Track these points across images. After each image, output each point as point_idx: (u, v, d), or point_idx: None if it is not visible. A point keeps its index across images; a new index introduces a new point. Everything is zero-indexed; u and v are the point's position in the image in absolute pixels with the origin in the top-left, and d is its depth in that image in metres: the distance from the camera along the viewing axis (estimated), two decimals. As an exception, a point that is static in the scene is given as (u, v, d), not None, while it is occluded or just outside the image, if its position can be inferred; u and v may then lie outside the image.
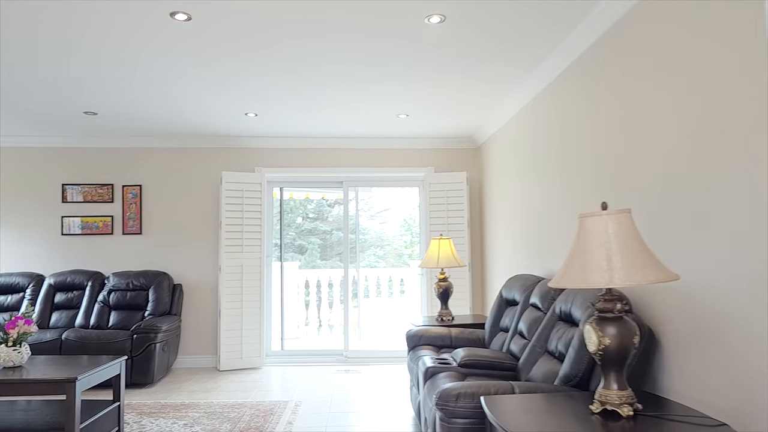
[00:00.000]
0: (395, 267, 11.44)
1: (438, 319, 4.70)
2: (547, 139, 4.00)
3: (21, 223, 5.97)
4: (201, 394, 4.77)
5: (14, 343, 3.35)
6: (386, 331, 7.87)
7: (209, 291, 5.99)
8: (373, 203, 12.67)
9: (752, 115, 1.87)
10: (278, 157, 6.15)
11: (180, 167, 6.09)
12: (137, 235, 6.02)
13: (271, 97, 4.56)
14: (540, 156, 4.16)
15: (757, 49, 1.84)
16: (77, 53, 3.56)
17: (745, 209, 1.91)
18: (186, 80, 4.12)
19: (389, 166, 6.18)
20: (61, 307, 5.57)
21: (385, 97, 4.61)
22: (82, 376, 3.16)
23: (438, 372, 3.19)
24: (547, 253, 4.02)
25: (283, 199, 6.72)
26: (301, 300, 8.04)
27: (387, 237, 13.03)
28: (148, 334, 4.98)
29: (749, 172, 1.88)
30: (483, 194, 6.02)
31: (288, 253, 11.97)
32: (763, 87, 1.82)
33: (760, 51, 1.83)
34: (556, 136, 3.80)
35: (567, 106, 3.60)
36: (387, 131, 5.81)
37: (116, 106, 4.81)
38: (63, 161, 6.03)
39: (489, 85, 4.29)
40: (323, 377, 5.37)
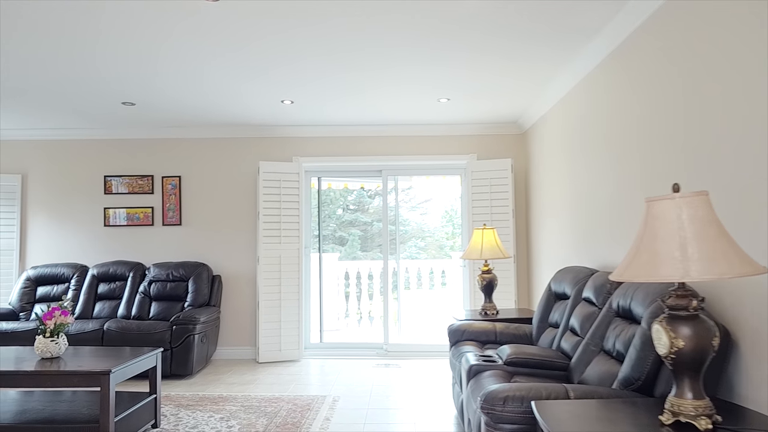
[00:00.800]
0: (436, 259, 11.23)
1: (481, 313, 4.47)
2: (600, 121, 3.70)
3: (66, 214, 6.06)
4: (239, 386, 4.71)
5: (52, 334, 3.33)
6: (427, 325, 7.68)
7: (248, 282, 5.94)
8: (414, 194, 12.47)
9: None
10: (315, 146, 6.02)
11: (218, 157, 6.04)
12: (177, 226, 6.02)
13: (307, 82, 4.41)
14: (591, 139, 3.86)
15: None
16: (107, 43, 3.49)
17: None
18: (216, 66, 4.01)
19: (429, 154, 5.96)
20: (104, 297, 5.62)
21: (425, 81, 4.39)
22: (116, 369, 3.10)
23: (482, 370, 2.98)
24: (600, 244, 3.73)
25: (322, 189, 6.59)
26: (341, 292, 7.94)
27: (428, 228, 12.82)
28: (187, 326, 4.95)
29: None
30: (529, 182, 5.72)
31: (328, 244, 11.92)
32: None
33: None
34: (611, 117, 3.50)
35: (623, 84, 3.30)
36: (427, 117, 5.58)
37: (151, 97, 4.76)
38: (105, 153, 6.08)
39: (535, 66, 4.01)
40: (362, 371, 5.23)
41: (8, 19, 3.16)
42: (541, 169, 5.24)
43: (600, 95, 3.69)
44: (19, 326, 5.05)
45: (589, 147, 3.93)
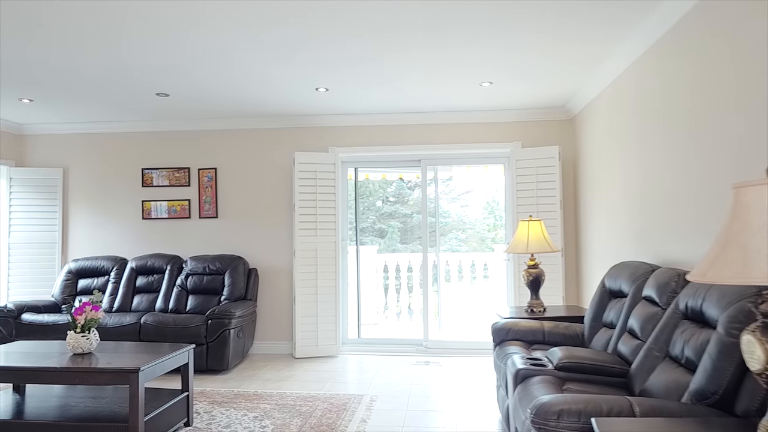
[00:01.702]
0: (478, 252, 10.92)
1: (527, 311, 4.19)
2: (661, 103, 3.35)
3: (105, 207, 6.09)
4: (274, 383, 4.59)
5: (83, 330, 3.27)
6: (469, 321, 7.42)
7: (284, 276, 5.82)
8: (454, 185, 12.16)
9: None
10: (352, 136, 5.83)
11: (253, 149, 5.93)
12: (213, 218, 5.95)
13: (342, 68, 4.21)
14: (650, 124, 3.51)
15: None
16: (131, 31, 3.37)
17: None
18: (246, 50, 3.86)
19: (471, 142, 5.68)
20: (143, 290, 5.61)
21: (467, 63, 4.12)
22: (145, 367, 3.00)
23: (531, 375, 2.72)
24: (661, 237, 3.40)
25: (359, 180, 6.41)
26: (380, 285, 7.76)
27: (469, 220, 12.49)
28: (222, 320, 4.86)
29: None
30: (578, 170, 5.37)
31: (367, 236, 11.77)
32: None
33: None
34: (674, 97, 3.15)
35: (691, 59, 2.95)
36: (468, 103, 5.30)
37: (183, 86, 4.66)
38: (143, 145, 6.07)
39: (587, 44, 3.68)
40: (401, 369, 5.03)
41: (48, 16, 3.08)
42: (591, 156, 4.89)
43: (661, 74, 3.34)
44: (60, 318, 5.08)
45: (647, 132, 3.58)
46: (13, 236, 5.97)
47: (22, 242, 5.99)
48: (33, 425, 3.00)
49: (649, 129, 3.54)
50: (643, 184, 3.68)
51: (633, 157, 3.85)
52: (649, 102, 3.55)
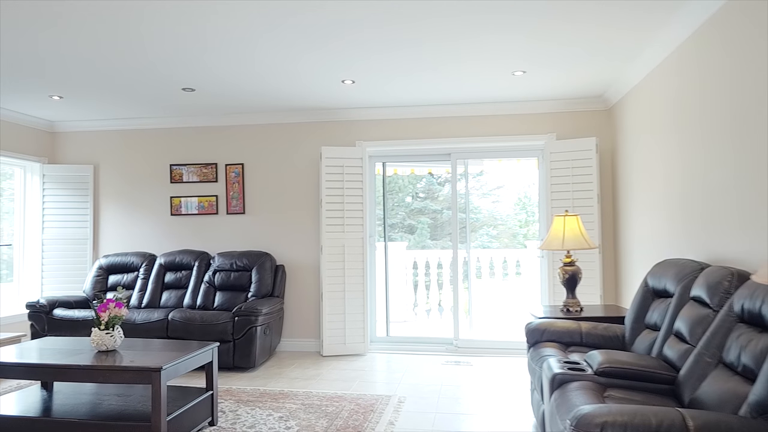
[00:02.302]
0: (510, 248, 10.67)
1: (563, 310, 4.00)
2: (706, 91, 3.11)
3: (134, 203, 6.12)
4: (301, 381, 4.50)
5: (106, 327, 3.23)
6: (500, 319, 7.22)
7: (311, 272, 5.74)
8: (486, 180, 11.91)
9: None
10: (379, 130, 5.70)
11: (280, 144, 5.86)
12: (241, 214, 5.91)
13: (367, 58, 4.08)
14: (696, 113, 3.27)
15: None
16: (152, 23, 3.31)
17: None
18: (268, 40, 3.76)
19: (502, 135, 5.48)
20: (171, 286, 5.61)
21: (499, 52, 3.93)
22: (167, 366, 2.94)
23: (569, 380, 2.55)
24: (711, 233, 3.16)
25: (387, 175, 6.27)
26: (409, 282, 7.62)
27: (500, 216, 12.24)
28: (249, 317, 4.80)
29: None
30: (616, 163, 5.11)
31: (396, 232, 11.64)
32: None
33: None
34: (719, 87, 2.91)
35: (747, 40, 2.71)
36: (500, 93, 5.10)
37: (207, 80, 4.60)
38: (171, 142, 6.06)
39: (627, 29, 3.46)
40: (430, 368, 4.89)
41: (73, 13, 3.04)
42: (631, 148, 4.64)
43: (705, 61, 3.10)
44: (90, 314, 5.10)
45: (691, 122, 3.34)
46: (46, 232, 6.05)
47: (55, 238, 6.06)
48: (54, 423, 2.97)
49: (694, 119, 3.30)
50: (687, 177, 3.44)
51: (676, 149, 3.60)
52: (693, 90, 3.30)
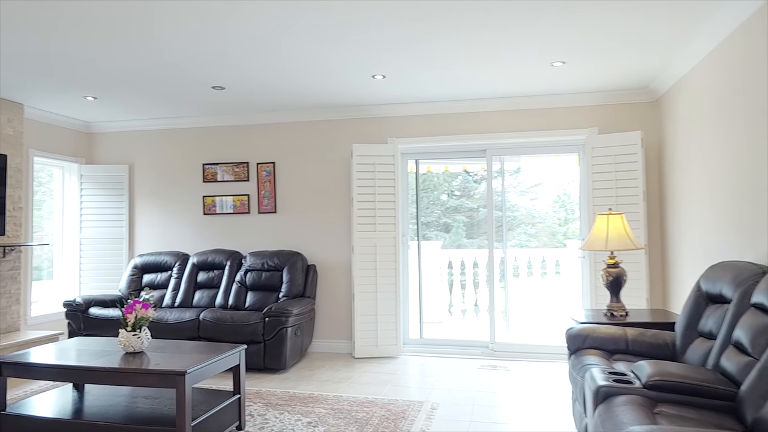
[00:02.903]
0: (549, 247, 10.36)
1: (607, 315, 3.76)
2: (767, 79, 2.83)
3: (168, 202, 6.14)
4: (332, 384, 4.40)
5: (133, 328, 3.19)
6: (539, 322, 6.96)
7: (343, 272, 5.64)
8: (523, 177, 11.60)
9: None
10: (411, 126, 5.54)
11: (311, 142, 5.78)
12: (272, 213, 5.85)
13: (398, 51, 3.93)
14: (754, 103, 2.99)
15: None
16: (175, 19, 3.25)
17: None
18: (294, 33, 3.65)
19: (540, 129, 5.24)
20: (203, 286, 5.60)
21: (537, 42, 3.72)
22: (192, 370, 2.87)
23: (614, 394, 2.34)
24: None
25: (420, 172, 6.11)
26: (444, 283, 7.45)
27: (539, 214, 11.90)
28: (279, 318, 4.73)
29: None
30: (663, 158, 4.82)
31: (432, 231, 11.46)
32: None
33: None
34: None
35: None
36: (538, 86, 4.87)
37: (235, 78, 4.54)
38: (203, 141, 6.06)
39: (675, 13, 3.20)
40: (465, 373, 4.71)
41: (101, 14, 3.02)
42: (680, 142, 4.34)
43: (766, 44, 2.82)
44: (124, 313, 5.13)
45: (748, 113, 3.06)
46: (84, 232, 6.14)
47: (93, 238, 6.15)
48: (78, 425, 2.94)
49: (751, 110, 3.02)
50: (753, 173, 3.16)
51: (731, 143, 3.32)
52: (752, 78, 3.02)
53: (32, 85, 4.68)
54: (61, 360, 3.08)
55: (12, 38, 3.58)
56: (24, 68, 4.22)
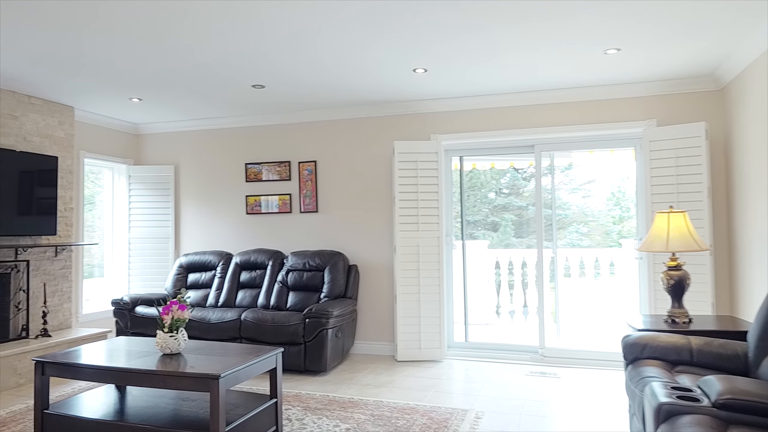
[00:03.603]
0: (602, 247, 9.91)
1: (667, 321, 3.47)
2: None
3: (212, 202, 6.18)
4: (373, 389, 4.27)
5: (170, 329, 3.16)
6: (592, 326, 6.62)
7: (385, 273, 5.51)
8: (575, 174, 11.16)
9: None
10: (455, 122, 5.34)
11: (352, 139, 5.67)
12: (313, 213, 5.79)
13: (440, 45, 3.75)
14: None
15: None
16: (207, 17, 3.19)
17: None
18: (330, 26, 3.54)
19: (593, 122, 4.94)
20: (246, 285, 5.59)
21: (589, 28, 3.47)
22: (226, 373, 2.80)
23: (679, 413, 2.10)
24: None
25: (465, 170, 5.90)
26: (491, 283, 7.20)
27: (591, 212, 11.43)
28: (320, 319, 4.64)
29: None
30: (731, 151, 4.43)
31: (479, 230, 11.19)
32: None
33: None
34: None
35: None
36: (590, 76, 4.59)
37: (275, 77, 4.48)
38: (245, 141, 6.07)
39: (751, -18, 2.89)
40: (513, 379, 4.49)
41: (139, 15, 3.01)
42: (750, 134, 3.97)
43: None
44: (169, 312, 5.18)
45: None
46: (132, 231, 6.26)
47: (141, 237, 6.26)
48: (114, 426, 2.92)
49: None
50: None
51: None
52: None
53: (81, 88, 4.78)
54: (100, 361, 3.08)
55: (62, 42, 3.62)
56: (73, 71, 4.30)
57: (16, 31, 3.44)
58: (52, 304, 5.19)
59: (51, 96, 5.05)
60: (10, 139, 4.82)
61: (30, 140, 5.01)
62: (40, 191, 4.94)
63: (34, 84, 4.64)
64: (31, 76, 4.42)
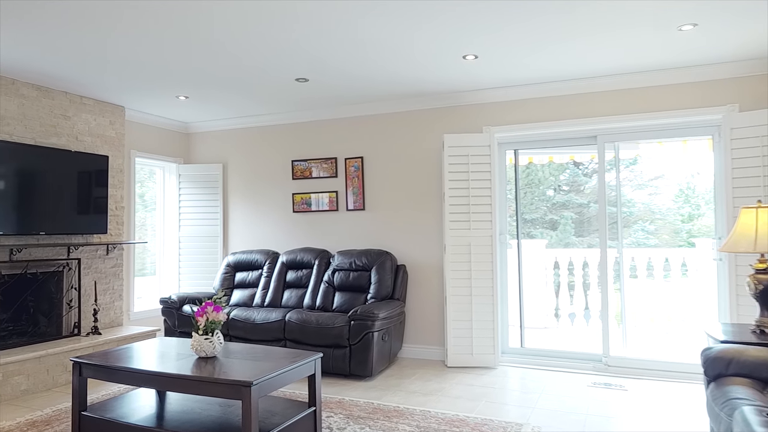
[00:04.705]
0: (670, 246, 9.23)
1: (755, 332, 3.04)
2: None
3: (259, 200, 6.11)
4: (420, 397, 4.02)
5: (204, 332, 3.03)
6: (662, 332, 6.09)
7: (434, 273, 5.24)
8: (640, 169, 10.48)
9: None
10: (509, 112, 5.00)
11: (399, 134, 5.43)
12: (360, 211, 5.59)
13: (492, 27, 3.45)
14: None
15: None
16: (241, 8, 3.04)
17: None
18: (372, 16, 3.31)
19: (663, 110, 4.48)
20: (292, 285, 5.46)
21: (658, 1, 3.08)
22: (259, 380, 2.63)
23: (779, 448, 1.74)
24: None
25: (521, 164, 5.54)
26: (550, 285, 6.79)
27: (659, 209, 10.70)
28: (365, 322, 4.44)
29: None
30: (828, 138, 3.89)
31: (537, 229, 10.72)
32: None
33: None
34: None
35: None
36: (660, 58, 4.15)
37: (317, 69, 4.30)
38: (291, 137, 5.95)
39: None
40: (573, 390, 4.12)
41: (182, 12, 2.90)
42: None
43: None
44: (215, 312, 5.12)
45: None
46: (182, 230, 6.28)
47: (191, 236, 6.27)
48: (147, 431, 2.81)
49: None
50: None
51: None
52: None
53: (129, 86, 4.78)
54: (134, 363, 2.99)
55: (109, 41, 3.59)
56: (122, 70, 4.28)
57: (65, 32, 3.42)
58: (104, 302, 5.24)
59: (102, 96, 5.09)
60: (62, 139, 4.89)
61: (82, 140, 5.07)
62: (90, 190, 4.98)
63: (85, 84, 4.68)
64: (80, 76, 4.45)
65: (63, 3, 3.04)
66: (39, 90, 4.70)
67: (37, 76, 4.44)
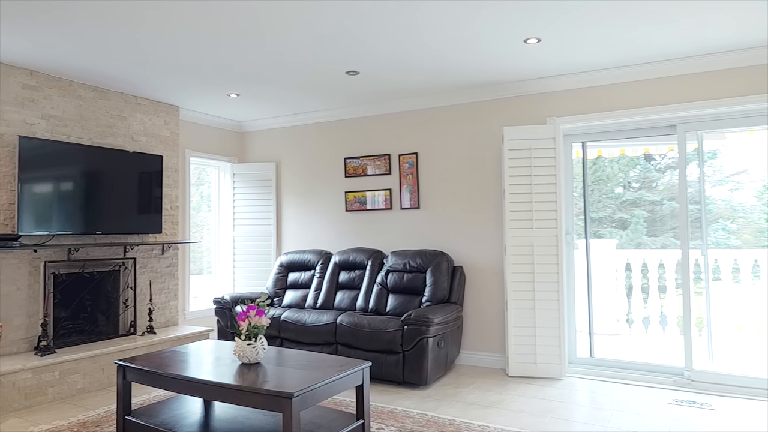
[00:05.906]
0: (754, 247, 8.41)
1: None
2: None
3: (311, 199, 5.98)
4: (478, 410, 3.72)
5: (248, 337, 2.87)
6: (754, 344, 5.47)
7: (494, 276, 4.91)
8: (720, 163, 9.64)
9: None
10: (575, 101, 4.60)
11: (455, 128, 5.13)
12: (415, 209, 5.34)
13: (555, 5, 3.11)
14: None
15: None
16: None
17: None
18: (428, 2, 3.04)
19: (754, 93, 3.96)
20: (345, 286, 5.28)
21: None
22: (300, 392, 2.43)
23: None
24: None
25: (590, 158, 5.11)
26: (621, 288, 6.29)
27: (741, 206, 9.82)
28: (419, 327, 4.18)
29: None
30: None
31: (605, 228, 10.10)
32: None
33: None
34: None
35: None
36: (746, 37, 3.65)
37: (368, 60, 4.09)
38: (344, 134, 5.78)
39: None
40: (652, 408, 3.70)
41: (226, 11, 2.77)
42: None
43: None
44: (270, 312, 5.01)
45: None
46: (237, 229, 6.25)
47: (245, 235, 6.23)
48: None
49: None
50: None
51: None
52: None
53: (182, 85, 4.75)
54: (176, 369, 2.87)
55: (161, 39, 3.53)
56: (175, 68, 4.24)
57: (121, 33, 3.37)
58: (159, 302, 5.26)
59: (156, 96, 5.10)
60: (118, 139, 4.93)
61: (137, 140, 5.10)
62: (146, 190, 5.00)
63: (139, 84, 4.69)
64: (135, 76, 4.45)
65: (118, 2, 2.97)
66: (95, 91, 4.75)
67: (93, 77, 4.47)
